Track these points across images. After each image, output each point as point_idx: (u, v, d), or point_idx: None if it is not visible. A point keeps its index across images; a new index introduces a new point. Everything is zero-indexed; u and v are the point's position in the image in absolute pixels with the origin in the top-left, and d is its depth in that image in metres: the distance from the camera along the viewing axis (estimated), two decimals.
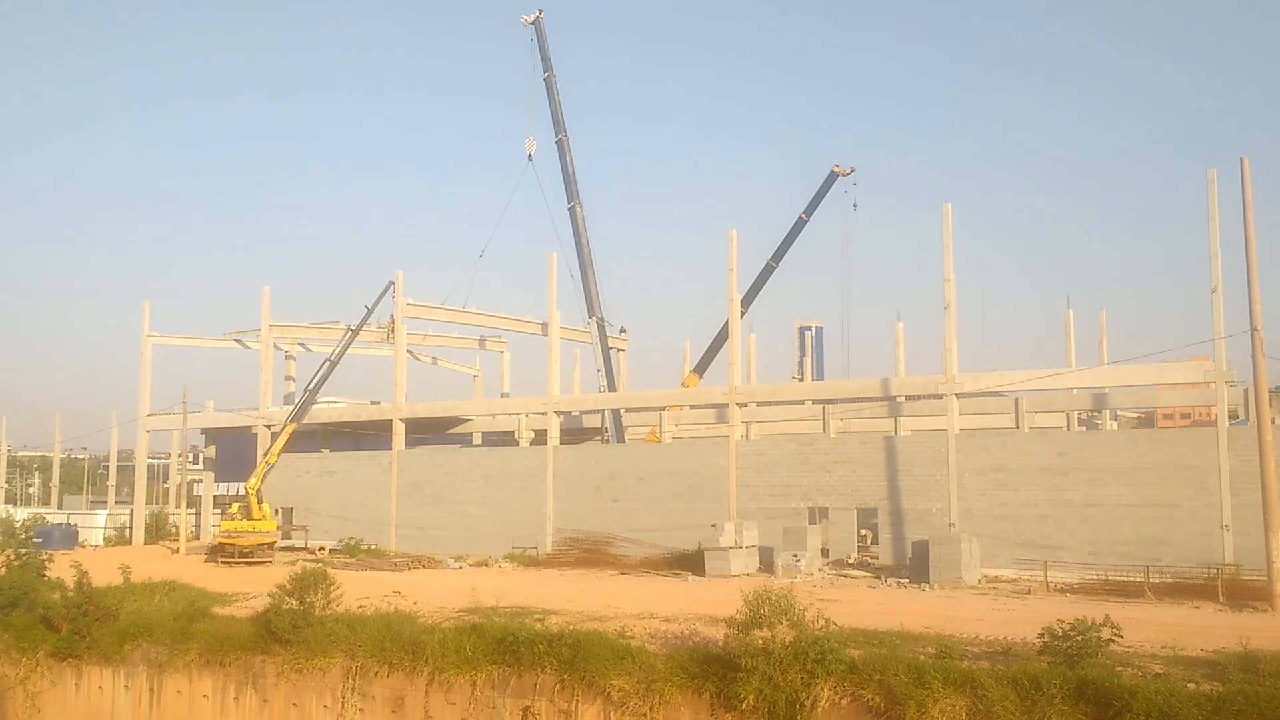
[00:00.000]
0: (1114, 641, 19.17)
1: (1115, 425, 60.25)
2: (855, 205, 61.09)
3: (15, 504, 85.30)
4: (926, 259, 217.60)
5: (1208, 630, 24.15)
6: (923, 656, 19.83)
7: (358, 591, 29.41)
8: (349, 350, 55.06)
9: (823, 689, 19.24)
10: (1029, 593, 33.11)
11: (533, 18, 65.35)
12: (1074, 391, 51.62)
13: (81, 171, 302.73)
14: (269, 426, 58.01)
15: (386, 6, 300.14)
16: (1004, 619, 26.23)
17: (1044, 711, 17.41)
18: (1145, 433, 50.55)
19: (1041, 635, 19.48)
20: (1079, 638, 18.75)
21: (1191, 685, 17.59)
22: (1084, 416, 59.07)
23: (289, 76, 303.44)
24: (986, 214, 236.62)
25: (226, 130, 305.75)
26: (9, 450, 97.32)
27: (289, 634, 25.24)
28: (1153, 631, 22.95)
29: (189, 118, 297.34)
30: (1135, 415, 71.05)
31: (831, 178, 61.19)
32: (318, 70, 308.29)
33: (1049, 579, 34.42)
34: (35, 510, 73.89)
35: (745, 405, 50.43)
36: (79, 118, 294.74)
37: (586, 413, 60.39)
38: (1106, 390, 50.96)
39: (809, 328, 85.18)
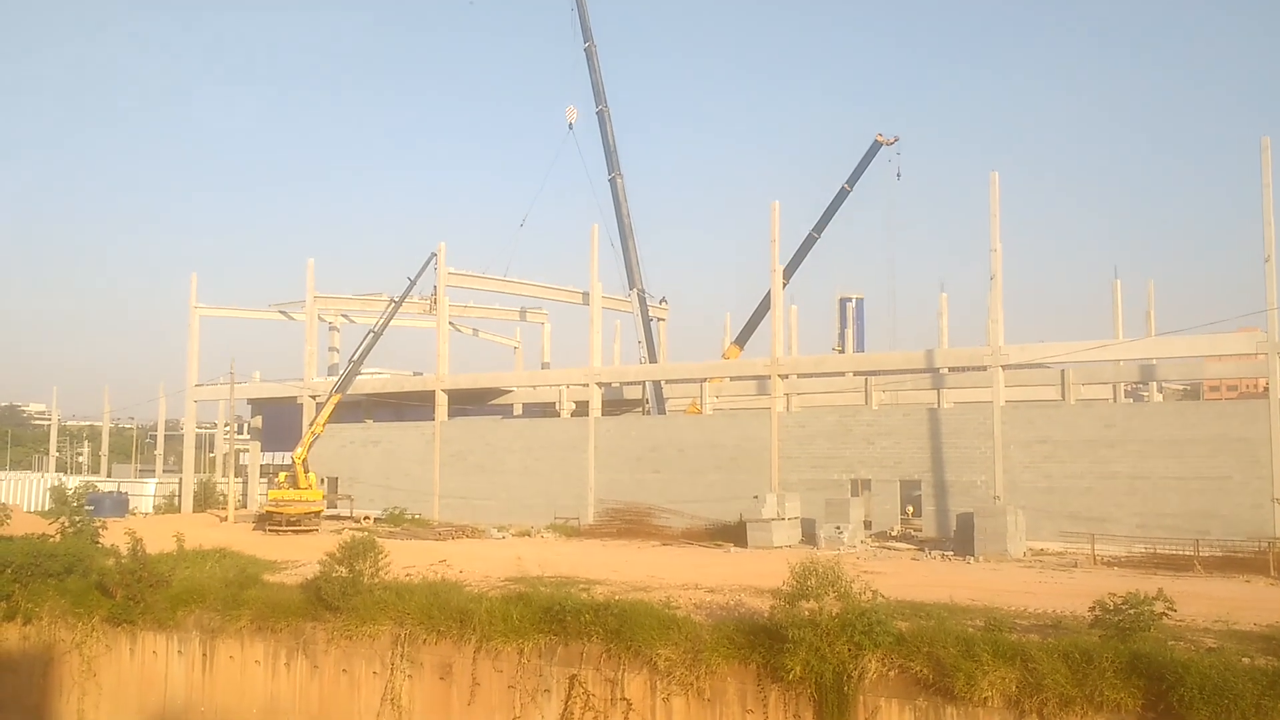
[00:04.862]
0: (1166, 615, 18.97)
1: (1161, 397, 59.48)
2: (899, 175, 60.32)
3: (66, 472, 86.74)
4: (970, 229, 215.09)
5: (1260, 604, 23.87)
6: (971, 629, 19.71)
7: (404, 560, 29.67)
8: (392, 322, 55.41)
9: (870, 660, 19.21)
10: (1075, 565, 32.87)
11: None
12: (1120, 363, 51.01)
13: (130, 148, 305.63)
14: (314, 397, 58.57)
15: None
16: (1052, 592, 26.04)
17: (1095, 685, 17.28)
18: (1194, 405, 49.95)
19: (1092, 608, 19.27)
20: (1131, 611, 18.52)
21: (1246, 660, 17.39)
22: (1130, 388, 58.39)
23: (330, 50, 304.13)
24: (1033, 183, 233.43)
25: (269, 104, 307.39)
26: (59, 419, 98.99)
27: (339, 601, 25.54)
28: (1203, 605, 22.69)
29: (234, 94, 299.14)
30: (1181, 387, 70.10)
31: (875, 147, 60.45)
32: (359, 41, 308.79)
33: (1095, 552, 34.15)
34: (86, 478, 75.05)
35: (787, 377, 50.25)
36: (131, 96, 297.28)
37: (627, 384, 60.42)
38: (1154, 362, 50.31)
39: (850, 299, 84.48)
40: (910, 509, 44.97)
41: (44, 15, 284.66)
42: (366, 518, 51.90)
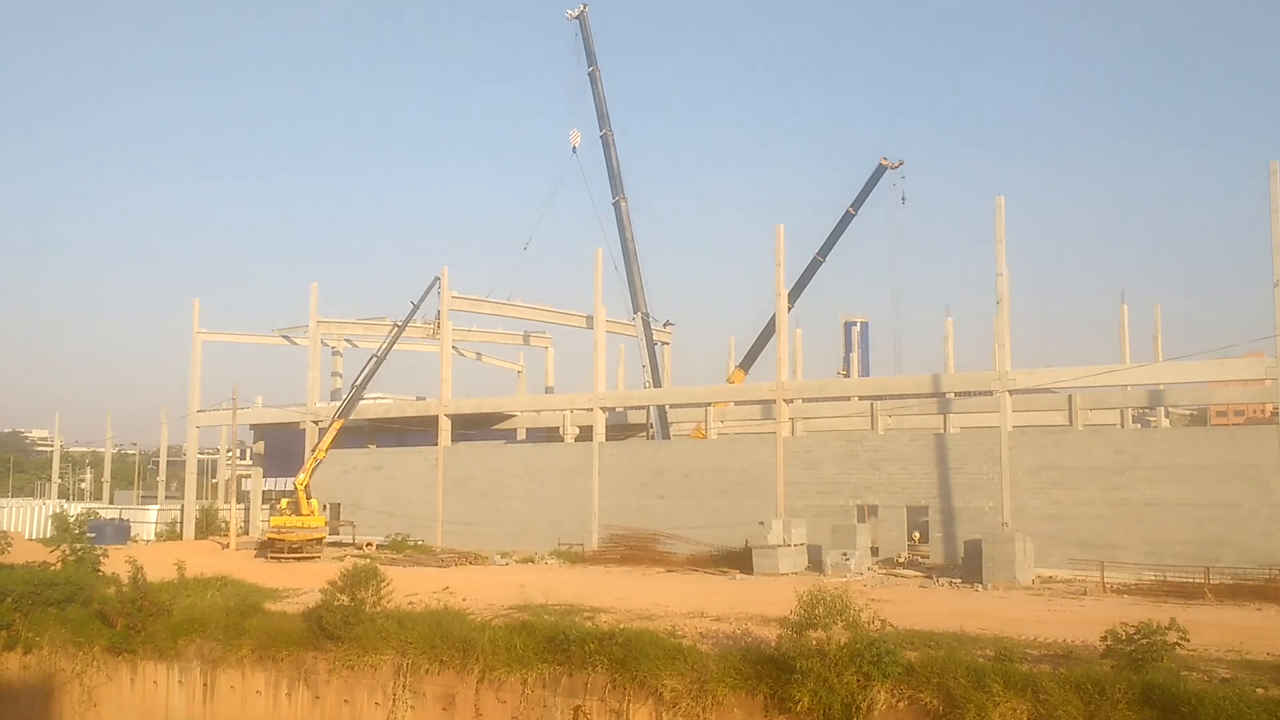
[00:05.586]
0: (1179, 645, 18.72)
1: (1168, 423, 59.20)
2: (904, 199, 60.36)
3: (68, 499, 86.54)
4: (976, 253, 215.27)
5: (1273, 633, 23.62)
6: (981, 659, 19.47)
7: (406, 588, 29.47)
8: (395, 346, 55.32)
9: (879, 691, 18.96)
10: (1085, 593, 32.55)
11: (577, 12, 65.25)
12: (1128, 388, 50.78)
13: (132, 169, 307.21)
14: (316, 422, 58.38)
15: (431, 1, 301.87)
16: (1062, 620, 25.77)
17: (1108, 716, 17.04)
18: (1204, 431, 49.65)
19: (1104, 638, 19.05)
20: (1144, 641, 18.31)
21: (1260, 690, 17.14)
22: (1136, 413, 58.14)
23: (332, 72, 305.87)
24: (1039, 207, 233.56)
25: (273, 128, 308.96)
26: (61, 446, 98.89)
27: (340, 630, 25.32)
28: (1216, 634, 22.44)
29: (237, 117, 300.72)
30: (1188, 412, 69.81)
31: (879, 171, 60.49)
32: (362, 65, 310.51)
33: (1105, 579, 33.83)
34: (88, 505, 74.85)
35: (792, 401, 50.01)
36: (132, 115, 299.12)
37: (631, 408, 60.29)
38: (1161, 387, 50.06)
39: (854, 323, 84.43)
40: (916, 535, 44.66)
41: (44, 37, 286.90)
42: (369, 544, 51.63)
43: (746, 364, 62.82)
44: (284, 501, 52.16)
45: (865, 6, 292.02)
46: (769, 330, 57.16)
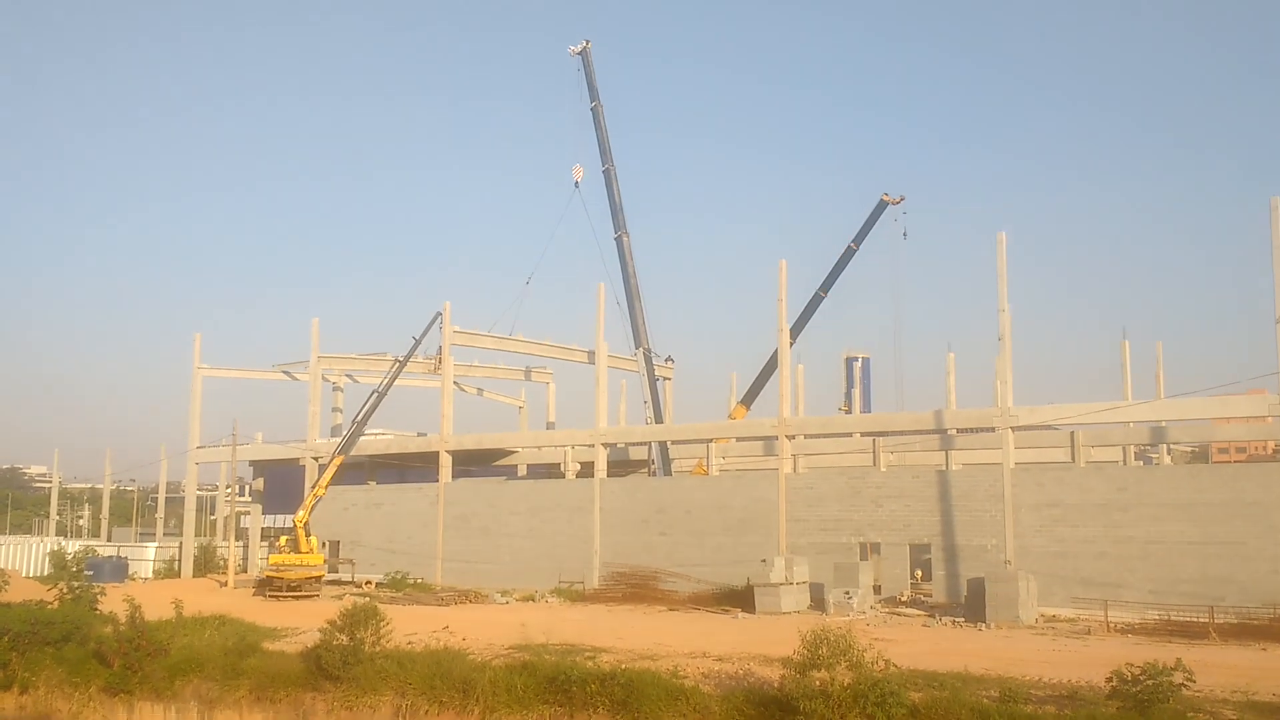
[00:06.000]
0: (1186, 686, 18.56)
1: (1169, 460, 59.03)
2: (905, 234, 60.46)
3: (66, 536, 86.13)
4: (978, 289, 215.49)
5: (1278, 673, 23.36)
6: (986, 700, 19.34)
7: (406, 627, 29.26)
8: (396, 382, 55.22)
9: None
10: (1089, 633, 32.32)
11: (580, 48, 65.67)
12: (1130, 425, 50.65)
13: (133, 205, 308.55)
14: (316, 459, 58.20)
15: (438, 34, 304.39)
16: (1066, 660, 25.55)
17: None
18: (1208, 468, 49.49)
19: (1110, 679, 18.90)
20: (1150, 682, 18.17)
21: None
22: (1138, 450, 58.01)
23: (334, 106, 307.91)
24: (1040, 244, 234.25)
25: (275, 162, 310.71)
26: (60, 482, 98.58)
27: (339, 671, 25.12)
28: (1221, 674, 22.28)
29: (238, 151, 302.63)
30: (1189, 449, 69.62)
31: (881, 206, 60.67)
32: (365, 99, 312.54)
33: (1109, 618, 33.59)
34: (85, 542, 74.51)
35: (794, 437, 49.90)
36: (132, 147, 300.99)
37: (633, 445, 60.15)
38: (1163, 424, 49.94)
39: (856, 359, 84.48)
40: (919, 573, 44.37)
41: (38, 60, 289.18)
42: (368, 582, 51.33)
43: (748, 400, 62.69)
44: (283, 539, 51.91)
45: (869, 43, 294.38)
46: (770, 366, 57.09)
